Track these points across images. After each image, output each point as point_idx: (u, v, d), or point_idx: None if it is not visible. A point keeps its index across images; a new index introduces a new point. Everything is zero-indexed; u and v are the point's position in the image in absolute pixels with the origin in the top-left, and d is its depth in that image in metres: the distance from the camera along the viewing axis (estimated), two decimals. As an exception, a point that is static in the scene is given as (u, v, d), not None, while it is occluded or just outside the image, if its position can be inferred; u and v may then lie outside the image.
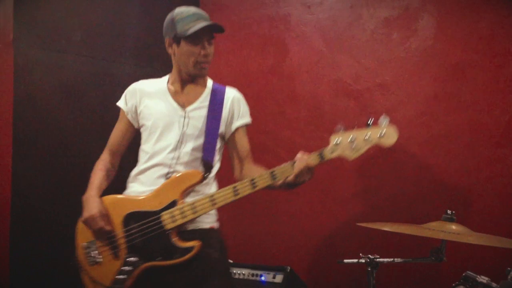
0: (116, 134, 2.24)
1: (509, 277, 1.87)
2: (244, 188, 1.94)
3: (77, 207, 2.80)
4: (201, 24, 1.99)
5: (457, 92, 2.80)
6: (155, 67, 3.20)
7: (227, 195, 1.96)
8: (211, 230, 2.09)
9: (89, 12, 2.92)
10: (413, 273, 2.81)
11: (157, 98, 2.14)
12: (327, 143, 1.91)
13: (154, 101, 2.14)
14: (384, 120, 1.87)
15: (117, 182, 2.23)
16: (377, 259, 2.28)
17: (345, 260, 2.38)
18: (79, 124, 2.86)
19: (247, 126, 2.21)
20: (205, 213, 1.99)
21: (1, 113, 2.64)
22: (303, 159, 1.88)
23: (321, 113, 3.12)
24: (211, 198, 1.96)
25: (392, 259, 2.29)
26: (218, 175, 2.16)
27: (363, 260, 2.30)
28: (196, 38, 2.02)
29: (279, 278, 2.65)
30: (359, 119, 1.90)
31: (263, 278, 2.66)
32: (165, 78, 2.22)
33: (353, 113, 3.00)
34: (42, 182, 2.70)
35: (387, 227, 2.21)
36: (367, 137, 1.87)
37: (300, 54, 3.21)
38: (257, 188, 1.93)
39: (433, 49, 2.86)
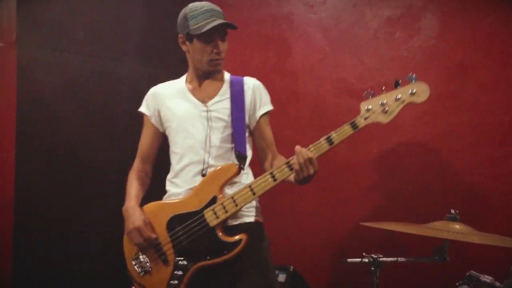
0: (145, 141, 2.23)
1: (513, 276, 1.87)
2: (281, 172, 1.91)
3: (80, 206, 2.83)
4: (213, 23, 1.97)
5: (460, 91, 2.80)
6: (158, 66, 3.20)
7: (265, 181, 1.92)
8: (256, 223, 2.07)
9: (92, 11, 2.92)
10: (417, 273, 2.80)
11: (177, 98, 2.14)
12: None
13: (175, 102, 2.13)
14: (412, 78, 1.83)
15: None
16: (381, 259, 2.28)
17: (348, 260, 2.37)
18: (82, 123, 2.86)
19: (269, 113, 2.21)
20: (246, 204, 1.96)
21: (4, 112, 2.64)
22: (301, 153, 1.85)
23: (323, 113, 3.12)
24: (250, 187, 1.94)
25: (395, 258, 2.28)
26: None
27: (366, 260, 2.29)
28: (209, 36, 2.00)
29: (282, 278, 2.65)
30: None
31: (266, 277, 2.65)
32: (183, 78, 2.22)
33: (356, 112, 2.98)
34: (45, 181, 2.70)
35: (390, 227, 2.21)
36: (398, 97, 1.84)
37: (303, 53, 3.20)
38: (293, 171, 1.88)
39: (436, 48, 2.86)
